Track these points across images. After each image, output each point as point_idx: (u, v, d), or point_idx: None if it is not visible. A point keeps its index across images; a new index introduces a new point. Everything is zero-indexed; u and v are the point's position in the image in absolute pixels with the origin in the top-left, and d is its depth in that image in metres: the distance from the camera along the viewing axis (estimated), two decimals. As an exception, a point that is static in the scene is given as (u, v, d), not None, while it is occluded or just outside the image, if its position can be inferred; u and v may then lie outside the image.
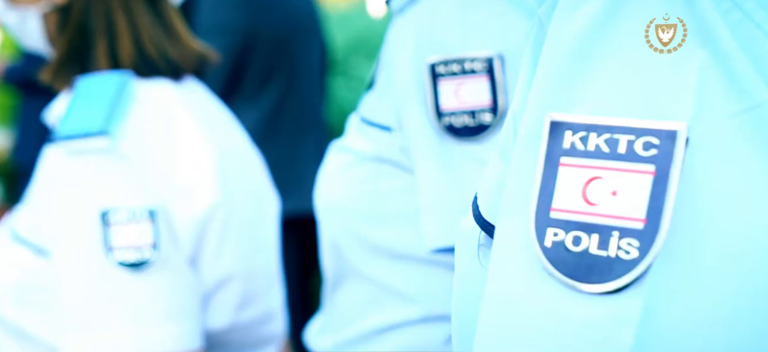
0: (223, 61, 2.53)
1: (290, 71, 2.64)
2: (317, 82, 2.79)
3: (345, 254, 1.06)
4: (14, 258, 1.12)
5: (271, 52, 2.59)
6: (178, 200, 1.10)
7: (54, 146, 1.10)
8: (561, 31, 0.56)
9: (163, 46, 1.19)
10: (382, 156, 1.02)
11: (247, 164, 1.26)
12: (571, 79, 0.55)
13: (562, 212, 0.52)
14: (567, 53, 0.56)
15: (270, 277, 1.27)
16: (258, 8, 2.57)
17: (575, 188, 0.52)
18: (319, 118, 2.79)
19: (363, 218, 1.03)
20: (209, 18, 2.53)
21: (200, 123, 1.17)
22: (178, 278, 1.09)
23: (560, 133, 0.53)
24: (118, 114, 1.10)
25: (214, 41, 2.52)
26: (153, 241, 1.06)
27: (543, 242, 0.53)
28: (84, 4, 1.17)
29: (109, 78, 1.13)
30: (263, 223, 1.26)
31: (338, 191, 1.06)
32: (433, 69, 0.95)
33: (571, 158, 0.53)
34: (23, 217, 1.14)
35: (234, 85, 2.57)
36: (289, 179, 2.60)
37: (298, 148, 2.66)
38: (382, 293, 1.04)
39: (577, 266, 0.51)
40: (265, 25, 2.58)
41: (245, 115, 2.57)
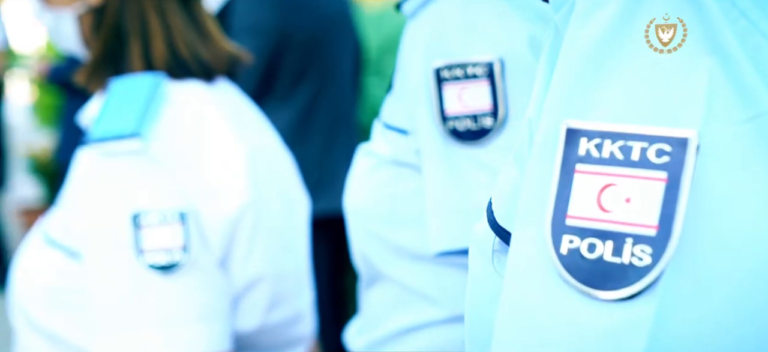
0: (256, 61, 2.54)
1: (323, 71, 2.64)
2: (350, 83, 2.80)
3: (370, 256, 1.07)
4: (47, 261, 1.13)
5: (304, 53, 2.59)
6: (208, 201, 1.10)
7: (87, 148, 1.11)
8: (576, 37, 0.57)
9: (195, 48, 1.19)
10: (401, 159, 1.03)
11: (278, 165, 1.26)
12: (586, 86, 0.56)
13: (578, 219, 0.53)
14: (582, 60, 0.56)
15: (299, 278, 1.27)
16: (291, 9, 2.58)
17: (590, 195, 0.53)
18: (351, 118, 2.79)
19: (384, 220, 1.04)
20: (243, 19, 2.54)
21: (231, 124, 1.17)
22: (208, 279, 1.10)
23: (576, 140, 0.54)
24: (150, 116, 1.10)
25: (247, 42, 2.53)
26: (183, 243, 1.07)
27: (559, 249, 0.53)
28: (118, 5, 1.18)
29: (141, 80, 1.14)
30: (293, 224, 1.26)
31: (362, 194, 1.07)
32: (438, 73, 0.96)
33: (586, 165, 0.54)
34: (56, 220, 1.15)
35: (267, 86, 2.58)
36: (321, 179, 2.61)
37: (331, 149, 2.66)
38: (406, 294, 1.05)
39: (593, 272, 0.52)
40: (297, 26, 2.59)
41: (278, 115, 2.58)
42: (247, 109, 1.27)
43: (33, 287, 1.15)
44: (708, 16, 0.53)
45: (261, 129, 1.27)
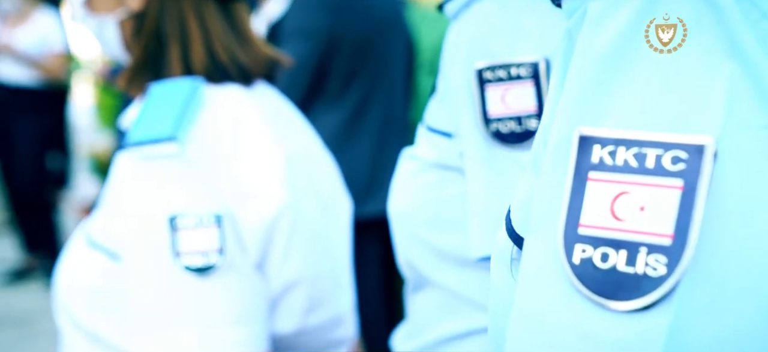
0: (307, 63, 2.56)
1: (374, 73, 2.64)
2: (402, 83, 2.79)
3: (414, 261, 1.06)
4: (89, 262, 1.15)
5: (355, 54, 2.60)
6: (245, 204, 1.11)
7: (125, 152, 1.12)
8: (589, 43, 0.56)
9: (233, 51, 1.20)
10: (445, 163, 1.02)
11: (317, 168, 1.26)
12: (599, 92, 0.54)
13: (590, 227, 0.52)
14: (595, 66, 0.55)
15: (339, 281, 1.26)
16: (341, 11, 2.58)
17: (603, 203, 0.52)
18: (403, 119, 2.79)
19: (429, 225, 1.03)
20: (294, 22, 2.56)
21: (269, 127, 1.18)
22: (244, 282, 1.10)
23: (589, 147, 0.53)
24: (187, 120, 1.11)
25: (298, 44, 2.55)
26: (219, 246, 1.07)
27: (571, 258, 0.52)
28: (158, 10, 1.19)
29: (180, 84, 1.15)
30: (332, 226, 1.25)
31: (406, 198, 1.06)
32: (481, 75, 0.94)
33: (599, 173, 0.53)
34: (98, 222, 1.17)
35: (317, 88, 2.59)
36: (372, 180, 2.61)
37: (382, 150, 2.66)
38: (453, 300, 1.03)
39: (605, 282, 0.51)
40: (348, 28, 2.59)
41: (328, 117, 2.59)
42: (286, 112, 1.27)
43: (76, 287, 1.17)
44: (727, 19, 0.52)
45: (301, 131, 1.27)
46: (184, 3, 1.19)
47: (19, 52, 4.66)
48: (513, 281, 0.62)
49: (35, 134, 4.74)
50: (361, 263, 2.68)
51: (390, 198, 1.10)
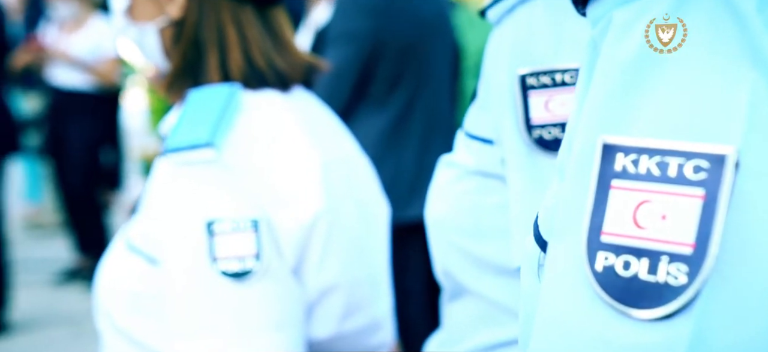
0: (352, 67, 2.57)
1: (419, 76, 2.64)
2: (448, 86, 2.78)
3: (452, 270, 1.05)
4: (128, 267, 1.17)
5: (400, 58, 2.60)
6: (281, 209, 1.11)
7: (163, 158, 1.14)
8: (613, 52, 0.56)
9: (271, 58, 1.21)
10: (486, 170, 1.00)
11: (355, 173, 1.26)
12: (623, 100, 0.54)
13: (613, 235, 0.53)
14: (619, 74, 0.55)
15: (376, 286, 1.26)
16: (386, 14, 2.58)
17: (626, 212, 0.52)
18: (449, 122, 2.78)
19: (467, 233, 1.02)
20: (338, 26, 2.57)
21: (306, 132, 1.18)
22: (281, 287, 1.11)
23: (612, 155, 0.54)
24: (224, 126, 1.12)
25: (342, 48, 2.56)
26: (256, 251, 1.08)
27: (594, 266, 0.53)
28: (197, 17, 1.20)
29: (218, 90, 1.16)
30: (370, 231, 1.25)
31: (443, 206, 1.05)
32: (524, 81, 0.93)
33: (622, 181, 0.53)
34: (137, 226, 1.19)
35: (362, 91, 2.59)
36: (416, 183, 2.60)
37: (427, 153, 2.65)
38: (492, 308, 1.02)
39: (627, 290, 0.51)
40: (393, 31, 2.59)
41: (373, 120, 2.59)
42: (323, 117, 1.27)
43: (116, 291, 1.19)
44: (750, 28, 0.51)
45: (338, 137, 1.27)
46: (222, 10, 1.20)
47: (74, 58, 4.76)
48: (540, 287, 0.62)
49: (89, 137, 4.84)
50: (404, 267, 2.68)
51: (427, 206, 1.09)
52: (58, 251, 5.52)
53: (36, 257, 5.50)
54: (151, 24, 1.24)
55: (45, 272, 5.19)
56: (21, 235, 6.01)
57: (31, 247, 5.77)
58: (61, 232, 5.60)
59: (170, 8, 1.22)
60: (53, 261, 5.35)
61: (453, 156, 1.07)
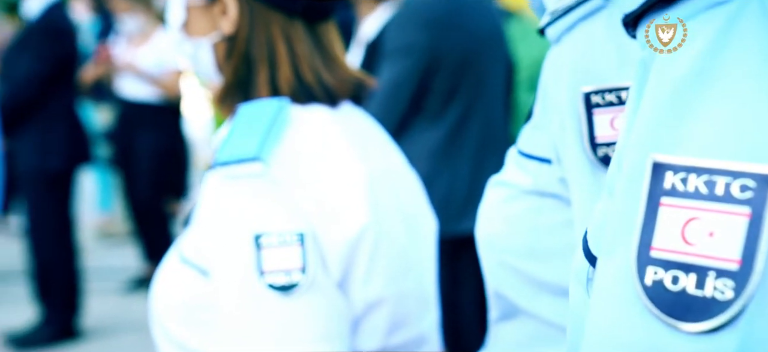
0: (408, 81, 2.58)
1: (473, 90, 2.64)
2: (501, 99, 2.77)
3: (504, 290, 1.04)
4: (181, 278, 1.19)
5: (455, 72, 2.60)
6: (327, 223, 1.13)
7: (212, 171, 1.16)
8: (663, 73, 0.58)
9: (320, 73, 1.22)
10: (542, 189, 0.99)
11: (402, 187, 1.26)
12: (672, 121, 0.56)
13: (662, 251, 0.55)
14: (669, 95, 0.57)
15: (423, 300, 1.26)
16: (443, 28, 2.59)
17: (675, 228, 0.55)
18: (503, 135, 2.77)
19: (522, 253, 1.01)
20: (394, 40, 2.58)
21: (352, 147, 1.19)
22: (326, 301, 1.12)
23: (662, 173, 0.56)
24: (272, 140, 1.14)
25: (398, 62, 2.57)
26: (302, 264, 1.09)
27: (643, 280, 0.55)
28: (248, 33, 1.22)
29: (266, 105, 1.18)
30: (417, 245, 1.26)
31: (496, 226, 1.04)
32: (588, 99, 0.91)
33: (671, 199, 0.55)
34: (189, 239, 1.21)
35: (418, 105, 2.60)
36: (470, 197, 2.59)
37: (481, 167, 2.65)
38: (547, 329, 1.01)
39: (676, 304, 0.53)
40: (449, 46, 2.59)
41: (428, 134, 2.60)
42: (371, 132, 1.28)
43: (169, 303, 1.21)
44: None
45: (386, 151, 1.28)
46: (272, 25, 1.22)
47: (140, 70, 4.88)
48: (588, 301, 0.64)
49: (155, 148, 4.95)
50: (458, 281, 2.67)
51: (478, 226, 1.08)
52: (127, 260, 5.65)
53: (106, 265, 5.64)
54: (205, 39, 1.26)
55: (115, 280, 5.32)
56: (93, 243, 6.17)
57: (101, 255, 5.93)
58: (130, 241, 5.73)
59: (223, 24, 1.24)
60: (123, 269, 5.48)
61: (504, 175, 1.06)
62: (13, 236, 6.03)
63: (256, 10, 1.22)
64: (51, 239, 4.33)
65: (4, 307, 4.72)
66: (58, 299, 4.32)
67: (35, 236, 4.31)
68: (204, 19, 1.26)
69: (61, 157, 4.36)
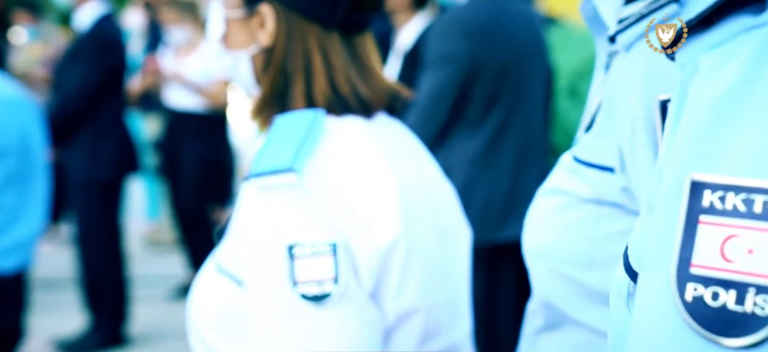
0: (449, 89, 2.58)
1: (513, 98, 2.64)
2: (541, 107, 2.77)
3: (554, 300, 1.03)
4: (217, 288, 1.21)
5: (496, 80, 2.60)
6: (360, 233, 1.13)
7: (248, 182, 1.18)
8: (702, 93, 0.59)
9: (355, 85, 1.23)
10: (603, 198, 0.98)
11: (436, 197, 1.27)
12: (710, 140, 0.58)
13: (702, 267, 0.56)
14: (707, 114, 0.59)
15: (456, 310, 1.26)
16: (484, 37, 2.59)
17: (714, 245, 0.56)
18: (542, 144, 2.76)
19: (578, 262, 0.99)
20: (435, 49, 2.59)
21: (386, 157, 1.20)
22: (358, 311, 1.12)
23: (700, 192, 0.57)
24: (306, 151, 1.15)
25: (439, 71, 2.58)
26: (334, 275, 1.10)
27: (683, 296, 0.56)
28: (285, 45, 1.24)
29: (302, 116, 1.19)
30: (450, 255, 1.26)
31: (550, 235, 1.02)
32: (664, 107, 0.89)
33: (710, 216, 0.56)
34: (225, 249, 1.23)
35: (458, 113, 2.61)
36: (510, 204, 2.59)
37: (520, 174, 2.64)
38: (597, 339, 1.00)
39: (717, 320, 0.55)
40: (490, 54, 2.60)
41: (467, 142, 2.60)
42: (405, 143, 1.29)
43: (206, 312, 1.23)
44: None
45: (420, 161, 1.29)
46: (309, 38, 1.23)
47: (187, 80, 4.95)
48: (629, 315, 0.66)
49: (201, 157, 5.02)
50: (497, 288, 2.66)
51: (526, 235, 1.07)
52: (174, 267, 5.73)
53: (153, 272, 5.73)
54: (243, 52, 1.28)
55: (162, 287, 5.39)
56: (140, 251, 6.27)
57: (149, 263, 6.02)
58: (177, 249, 5.81)
59: (261, 36, 1.26)
60: (169, 277, 5.56)
61: (556, 183, 1.04)
62: (64, 245, 6.16)
63: (293, 22, 1.24)
64: (100, 248, 4.41)
65: (55, 314, 4.82)
66: (106, 306, 4.40)
67: (85, 245, 4.39)
68: (243, 32, 1.28)
69: (111, 167, 4.44)
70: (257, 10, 1.25)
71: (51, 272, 5.59)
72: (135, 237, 6.35)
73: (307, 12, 1.23)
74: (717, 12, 0.62)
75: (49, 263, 5.73)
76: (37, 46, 6.82)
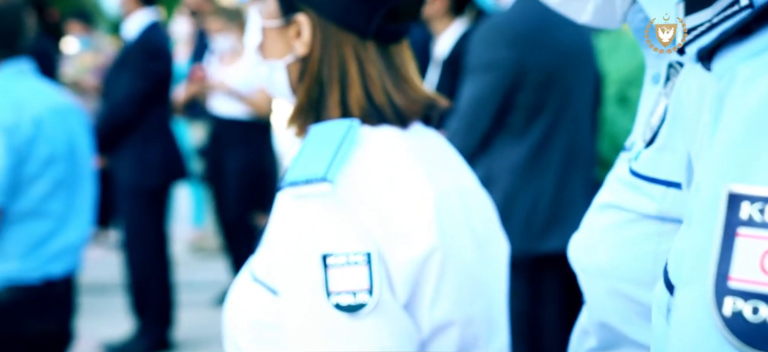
0: (492, 97, 2.56)
1: (559, 105, 2.60)
2: (588, 115, 2.73)
3: (611, 319, 1.00)
4: (252, 297, 1.21)
5: (541, 87, 2.57)
6: (394, 244, 1.13)
7: (282, 191, 1.18)
8: (739, 104, 0.59)
9: (390, 94, 1.23)
10: (667, 214, 0.95)
11: (473, 208, 1.25)
12: (748, 151, 0.57)
13: (740, 281, 0.55)
14: (744, 126, 0.58)
15: (493, 323, 1.25)
16: (529, 44, 2.56)
17: (753, 258, 0.55)
18: (589, 153, 2.72)
19: (641, 281, 0.97)
20: (478, 56, 2.57)
21: (420, 167, 1.19)
22: (393, 322, 1.12)
23: (737, 204, 0.56)
24: (340, 160, 1.15)
25: (482, 78, 2.56)
26: (368, 285, 1.10)
27: (721, 311, 0.55)
28: (320, 54, 1.24)
29: (336, 125, 1.19)
30: (487, 266, 1.24)
31: (608, 253, 1.00)
32: None
33: (748, 229, 0.55)
34: (260, 258, 1.23)
35: (501, 121, 2.58)
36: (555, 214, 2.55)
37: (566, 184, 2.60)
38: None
39: (757, 335, 0.54)
40: (535, 60, 2.57)
41: (512, 150, 2.57)
42: (442, 153, 1.28)
43: (241, 321, 1.23)
44: None
45: (456, 171, 1.27)
46: (344, 47, 1.23)
47: (231, 88, 5.00)
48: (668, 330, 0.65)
49: (244, 164, 5.06)
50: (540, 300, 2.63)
51: (577, 252, 1.04)
52: (218, 273, 5.78)
53: (198, 279, 5.78)
54: (279, 61, 1.29)
55: (206, 293, 5.44)
56: (186, 257, 6.34)
57: (194, 269, 6.08)
58: (221, 255, 5.86)
59: (297, 46, 1.26)
60: (214, 283, 5.61)
61: (612, 198, 1.01)
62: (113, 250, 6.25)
63: (329, 32, 1.23)
64: (147, 254, 4.47)
65: (103, 318, 4.89)
66: (153, 311, 4.46)
67: (132, 250, 4.45)
68: (279, 41, 1.28)
69: (157, 174, 4.50)
70: (294, 20, 1.25)
71: (100, 277, 5.68)
72: (181, 243, 6.42)
73: (343, 21, 1.23)
74: (755, 20, 0.61)
75: (98, 268, 5.82)
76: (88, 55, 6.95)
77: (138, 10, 4.50)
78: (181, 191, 6.87)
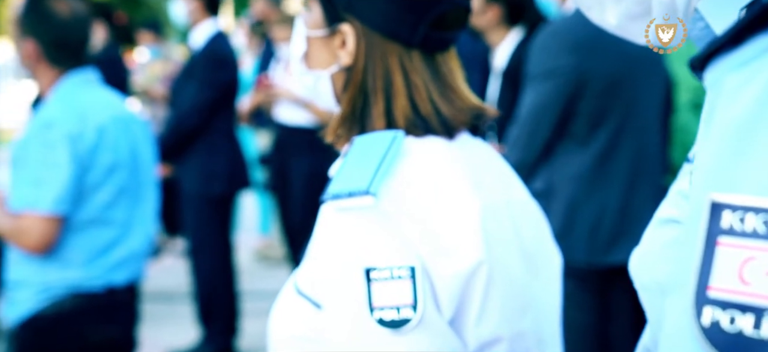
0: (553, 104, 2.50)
1: (625, 112, 2.53)
2: (658, 123, 2.64)
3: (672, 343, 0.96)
4: (296, 310, 1.19)
5: (604, 94, 2.50)
6: (439, 258, 1.09)
7: (325, 204, 1.15)
8: (724, 115, 0.58)
9: (436, 105, 1.20)
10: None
11: (523, 221, 1.21)
12: (732, 161, 0.56)
13: (719, 291, 0.55)
14: (729, 135, 0.57)
15: (544, 338, 1.20)
16: (591, 50, 2.50)
17: (732, 268, 0.55)
18: (659, 161, 2.63)
19: None
20: (539, 63, 2.52)
21: (467, 179, 1.15)
22: (437, 338, 1.08)
23: (719, 213, 0.56)
24: (384, 172, 1.12)
25: (543, 86, 2.50)
26: (412, 300, 1.06)
27: (700, 320, 0.55)
28: (365, 63, 1.22)
29: (381, 137, 1.16)
30: (537, 281, 1.20)
31: (667, 270, 0.96)
32: None
33: (729, 238, 0.55)
34: (304, 271, 1.21)
35: (563, 129, 2.52)
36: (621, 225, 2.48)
37: (633, 194, 2.52)
38: None
39: (734, 346, 0.53)
40: (597, 67, 2.50)
41: (575, 159, 2.50)
42: (490, 164, 1.24)
43: (284, 334, 1.21)
44: None
45: (505, 183, 1.23)
46: (389, 56, 1.21)
47: (295, 96, 5.02)
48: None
49: (308, 173, 5.07)
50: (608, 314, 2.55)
51: (639, 268, 1.00)
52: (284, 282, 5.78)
53: (263, 287, 5.82)
54: (324, 71, 1.27)
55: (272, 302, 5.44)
56: (252, 266, 6.39)
57: (259, 278, 6.12)
58: (287, 264, 5.89)
59: (342, 56, 1.24)
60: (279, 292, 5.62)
61: (671, 213, 0.97)
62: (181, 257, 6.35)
63: (374, 42, 1.21)
64: (213, 262, 4.51)
65: (170, 326, 4.96)
66: (218, 320, 4.50)
67: (198, 259, 4.50)
68: (324, 51, 1.27)
69: (223, 183, 4.54)
70: (338, 30, 1.23)
71: (168, 284, 5.76)
72: (247, 251, 6.47)
73: (388, 31, 1.20)
74: (746, 29, 0.60)
75: (166, 276, 5.91)
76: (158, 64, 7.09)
77: (205, 19, 4.56)
78: (248, 200, 6.94)
